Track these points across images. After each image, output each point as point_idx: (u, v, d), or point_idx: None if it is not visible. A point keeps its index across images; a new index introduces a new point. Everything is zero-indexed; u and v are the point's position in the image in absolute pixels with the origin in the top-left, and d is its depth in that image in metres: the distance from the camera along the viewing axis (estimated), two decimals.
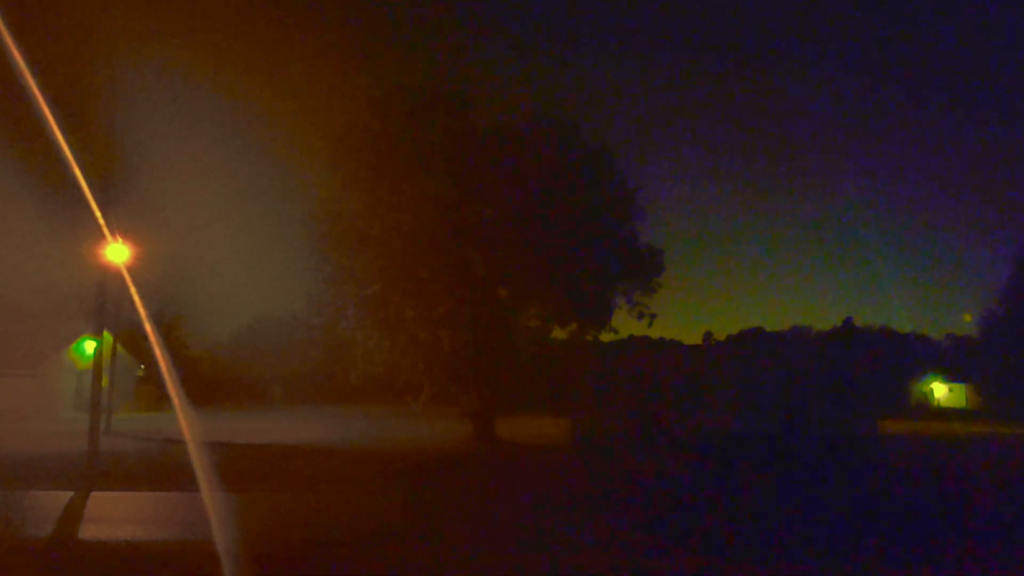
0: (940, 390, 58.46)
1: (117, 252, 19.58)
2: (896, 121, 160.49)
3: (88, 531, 11.82)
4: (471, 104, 27.67)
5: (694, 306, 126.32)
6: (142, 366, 45.63)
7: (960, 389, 57.81)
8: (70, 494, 14.57)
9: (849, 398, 28.46)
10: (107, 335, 24.07)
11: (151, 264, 29.00)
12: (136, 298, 22.11)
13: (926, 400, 57.24)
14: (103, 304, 19.63)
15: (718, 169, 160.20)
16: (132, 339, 40.71)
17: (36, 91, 14.38)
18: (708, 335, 71.22)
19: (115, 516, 13.22)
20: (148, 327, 22.62)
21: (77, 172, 16.27)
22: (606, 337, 29.21)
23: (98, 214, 17.90)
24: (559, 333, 29.09)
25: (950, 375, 58.30)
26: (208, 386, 47.43)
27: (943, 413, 47.89)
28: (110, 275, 20.17)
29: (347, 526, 12.14)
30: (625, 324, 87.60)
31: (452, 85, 27.73)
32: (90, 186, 17.09)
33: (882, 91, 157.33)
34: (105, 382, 25.36)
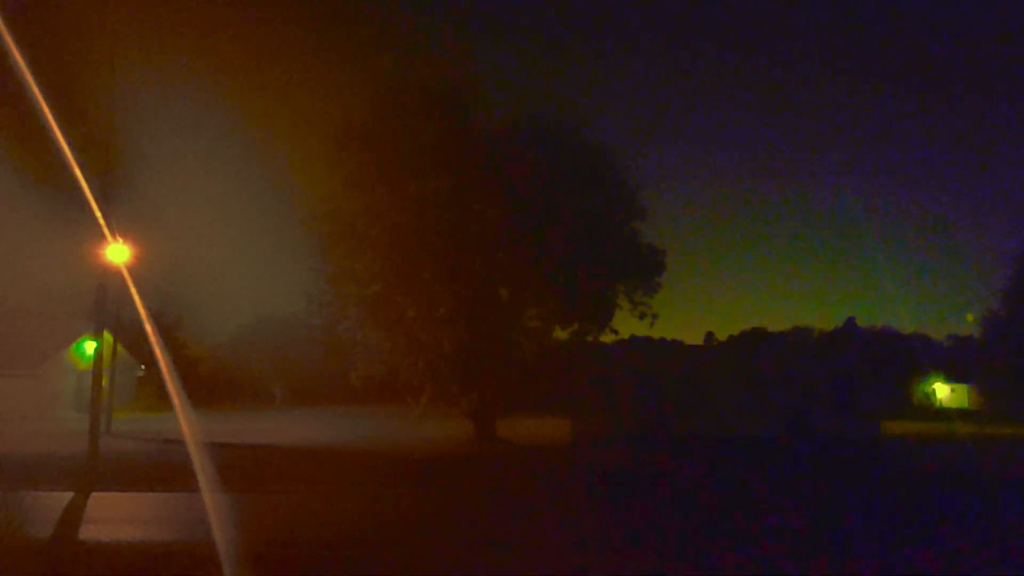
0: (942, 391, 58.30)
1: (117, 252, 19.54)
2: (897, 121, 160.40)
3: (88, 532, 11.78)
4: (471, 104, 27.60)
5: (696, 306, 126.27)
6: (142, 366, 45.58)
7: (962, 390, 57.65)
8: (70, 495, 14.54)
9: (851, 399, 28.40)
10: (107, 335, 23.99)
11: (151, 264, 29.01)
12: (136, 298, 22.09)
13: (928, 401, 57.08)
14: (103, 304, 19.58)
15: (719, 169, 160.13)
16: (132, 339, 40.68)
17: (36, 91, 14.35)
18: (710, 335, 71.28)
19: (115, 517, 13.18)
20: (148, 327, 22.58)
21: (77, 172, 16.24)
22: (607, 337, 29.13)
23: (98, 214, 17.87)
24: (560, 333, 29.00)
25: (952, 376, 58.09)
26: (208, 386, 47.41)
27: (945, 414, 47.78)
28: (110, 275, 20.13)
29: (347, 526, 12.10)
30: (626, 324, 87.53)
31: (452, 85, 27.64)
32: (90, 186, 17.07)
33: (882, 91, 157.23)
34: (105, 382, 25.31)
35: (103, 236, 18.50)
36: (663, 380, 29.49)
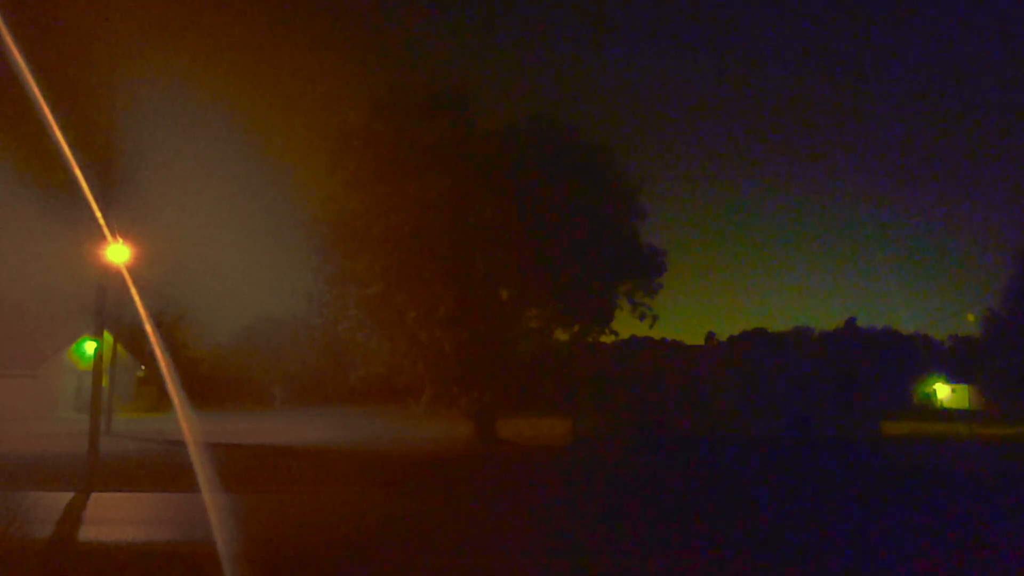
0: (943, 391, 58.29)
1: (117, 252, 19.56)
2: (897, 121, 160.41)
3: (88, 532, 11.78)
4: (471, 104, 27.64)
5: (696, 307, 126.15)
6: (142, 366, 45.53)
7: (963, 390, 57.63)
8: (70, 495, 14.53)
9: (852, 399, 28.39)
10: (107, 335, 24.02)
11: (151, 264, 28.95)
12: (136, 298, 22.06)
13: (929, 401, 57.09)
14: (103, 304, 19.60)
15: (719, 169, 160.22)
16: (132, 339, 40.62)
17: (36, 91, 14.35)
18: (710, 336, 70.93)
19: (115, 517, 13.18)
20: (148, 327, 22.60)
21: (77, 172, 16.25)
22: (607, 338, 29.14)
23: (98, 214, 17.89)
24: (561, 334, 29.02)
25: (953, 376, 58.11)
26: (209, 387, 47.30)
27: (946, 414, 47.75)
28: (110, 275, 20.15)
29: (347, 526, 12.09)
30: (627, 325, 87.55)
31: (452, 85, 27.70)
32: (90, 186, 17.07)
33: (883, 91, 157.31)
34: (105, 383, 25.31)
35: (103, 236, 18.51)
36: (663, 380, 29.48)
